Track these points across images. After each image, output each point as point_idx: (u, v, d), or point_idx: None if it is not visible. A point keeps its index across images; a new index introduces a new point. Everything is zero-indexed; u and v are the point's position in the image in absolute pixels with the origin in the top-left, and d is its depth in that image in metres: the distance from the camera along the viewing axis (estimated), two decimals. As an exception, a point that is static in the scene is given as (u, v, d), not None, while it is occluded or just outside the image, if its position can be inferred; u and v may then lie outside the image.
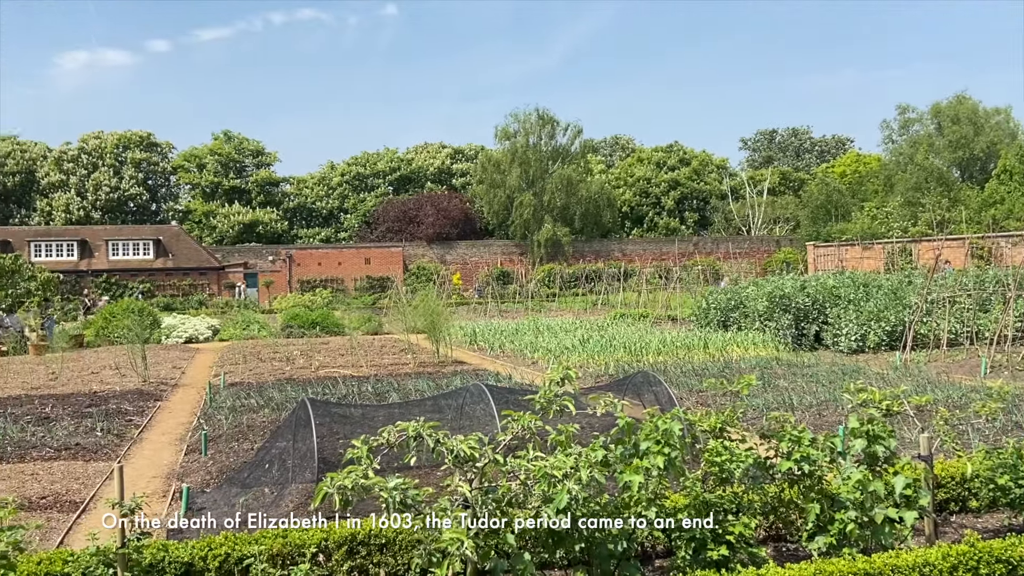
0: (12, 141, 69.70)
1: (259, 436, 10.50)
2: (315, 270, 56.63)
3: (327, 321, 29.36)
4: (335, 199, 73.58)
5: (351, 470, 4.41)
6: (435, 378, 15.63)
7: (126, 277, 52.09)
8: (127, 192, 68.44)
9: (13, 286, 27.86)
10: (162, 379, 17.09)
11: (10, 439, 10.68)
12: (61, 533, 6.85)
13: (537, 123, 62.05)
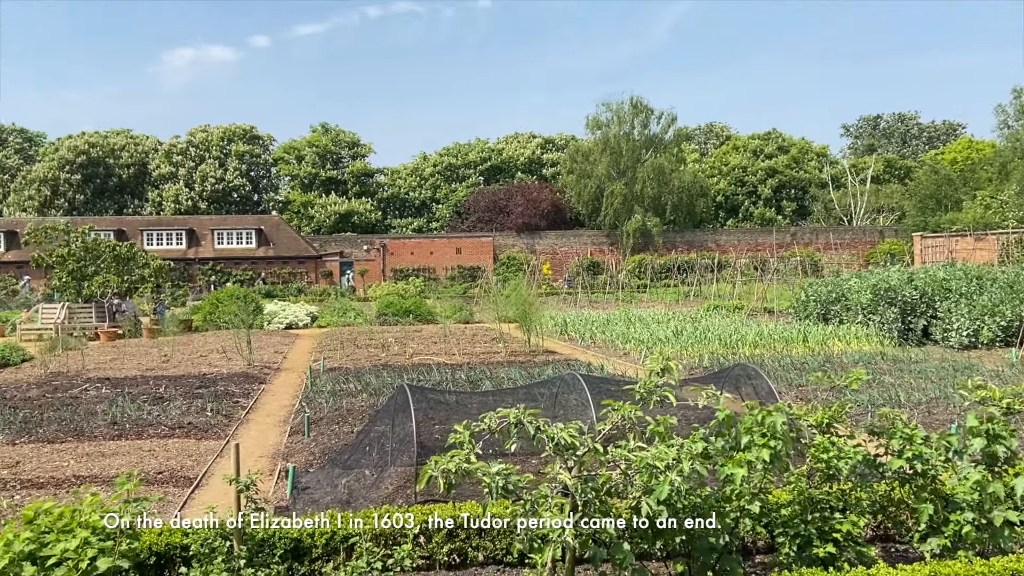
0: (126, 135, 73.83)
1: (358, 420, 10.80)
2: (408, 259, 57.75)
3: (420, 309, 29.91)
4: (427, 189, 74.79)
5: (454, 454, 4.48)
6: (527, 367, 15.71)
7: (230, 265, 54.46)
8: (231, 183, 71.42)
9: (128, 273, 29.51)
10: (265, 363, 17.79)
11: (129, 417, 11.34)
12: (178, 506, 7.23)
13: (630, 112, 61.26)
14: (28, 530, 4.47)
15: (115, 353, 20.18)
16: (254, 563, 4.98)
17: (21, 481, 8.05)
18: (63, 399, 13.01)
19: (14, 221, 56.83)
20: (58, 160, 68.70)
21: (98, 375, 15.90)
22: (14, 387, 14.49)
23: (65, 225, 30.40)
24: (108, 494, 4.92)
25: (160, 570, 5.12)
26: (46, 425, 10.83)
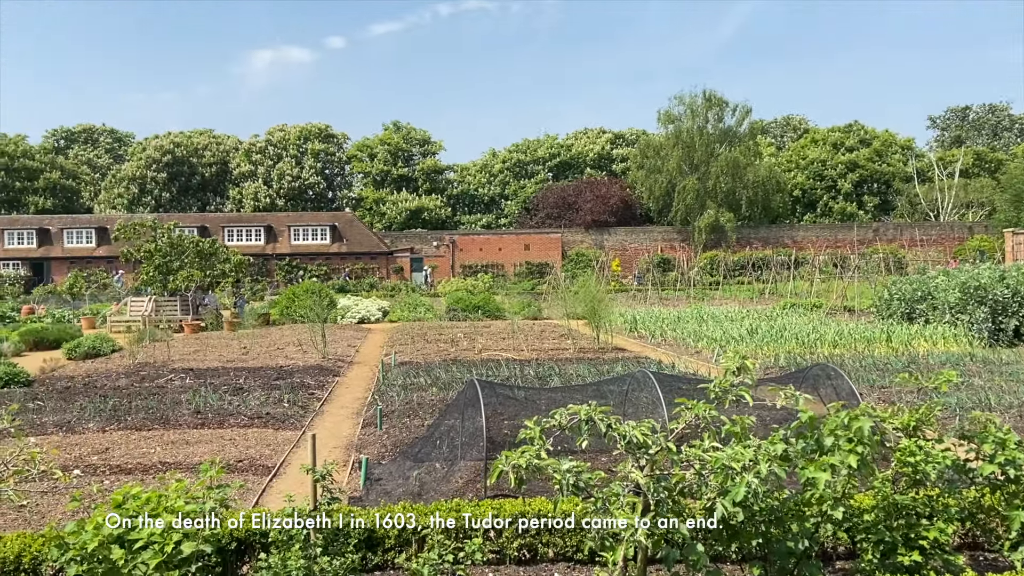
0: (209, 134, 76.48)
1: (428, 413, 10.92)
2: (477, 255, 58.13)
3: (488, 305, 30.07)
4: (496, 186, 75.14)
5: (524, 450, 4.47)
6: (595, 364, 15.61)
7: (305, 260, 55.82)
8: (307, 181, 73.19)
9: (210, 268, 30.57)
10: (339, 356, 18.16)
11: (211, 407, 11.75)
12: (257, 494, 7.44)
13: (703, 105, 60.20)
14: (117, 514, 4.66)
15: (198, 345, 20.93)
16: (329, 551, 5.08)
17: (110, 467, 8.41)
18: (150, 388, 13.57)
19: (104, 218, 59.53)
20: (145, 159, 71.65)
21: (182, 366, 16.52)
22: (104, 376, 15.18)
23: (152, 222, 31.67)
24: (192, 480, 5.09)
25: (241, 555, 5.28)
26: (134, 413, 11.31)
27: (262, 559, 4.90)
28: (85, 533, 4.56)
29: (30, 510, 6.74)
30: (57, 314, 29.73)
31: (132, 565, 4.47)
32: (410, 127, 76.59)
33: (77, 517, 5.75)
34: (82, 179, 76.71)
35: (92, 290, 44.92)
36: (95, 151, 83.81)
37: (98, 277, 50.07)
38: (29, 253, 54.98)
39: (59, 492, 7.32)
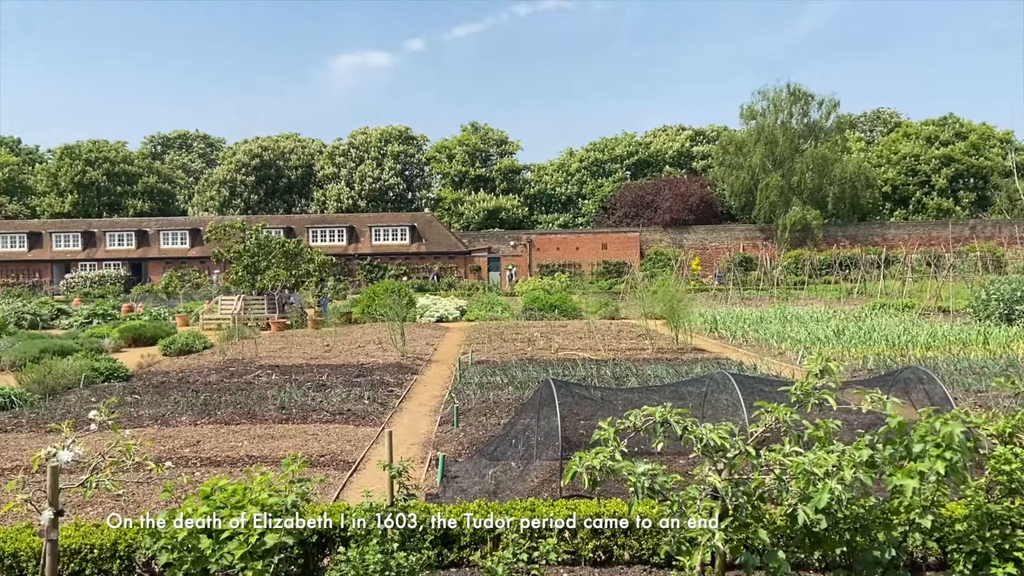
0: (295, 138, 78.89)
1: (504, 412, 10.97)
2: (553, 255, 58.09)
3: (565, 305, 30.01)
4: (573, 185, 74.94)
5: (599, 451, 4.44)
6: (674, 364, 15.38)
7: (386, 260, 56.96)
8: (387, 182, 74.65)
9: (296, 267, 31.53)
10: (417, 354, 18.45)
11: (295, 402, 12.11)
12: (337, 488, 7.63)
13: (787, 99, 58.59)
14: (205, 505, 4.86)
15: (283, 342, 21.61)
16: (406, 547, 5.16)
17: (201, 459, 8.77)
18: (238, 384, 14.09)
19: (197, 220, 62.12)
20: (235, 163, 74.45)
21: (268, 362, 17.08)
22: (196, 372, 15.84)
23: (241, 223, 32.88)
24: (276, 474, 5.26)
25: (321, 548, 5.41)
26: (223, 408, 11.76)
27: (341, 552, 5.01)
28: (176, 522, 4.77)
29: (126, 499, 7.09)
30: (154, 312, 31.20)
31: (219, 555, 4.64)
32: (487, 127, 77.17)
33: (169, 507, 6.01)
34: (177, 183, 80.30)
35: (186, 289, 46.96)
36: (189, 156, 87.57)
37: (191, 276, 52.29)
38: (128, 254, 57.86)
39: (153, 483, 7.67)
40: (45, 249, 58.34)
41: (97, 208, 72.95)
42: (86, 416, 4.82)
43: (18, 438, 10.04)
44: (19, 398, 12.39)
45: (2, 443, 9.72)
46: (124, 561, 5.24)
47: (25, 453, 9.05)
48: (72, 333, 24.20)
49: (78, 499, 6.91)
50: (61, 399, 12.76)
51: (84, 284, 52.57)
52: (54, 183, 74.14)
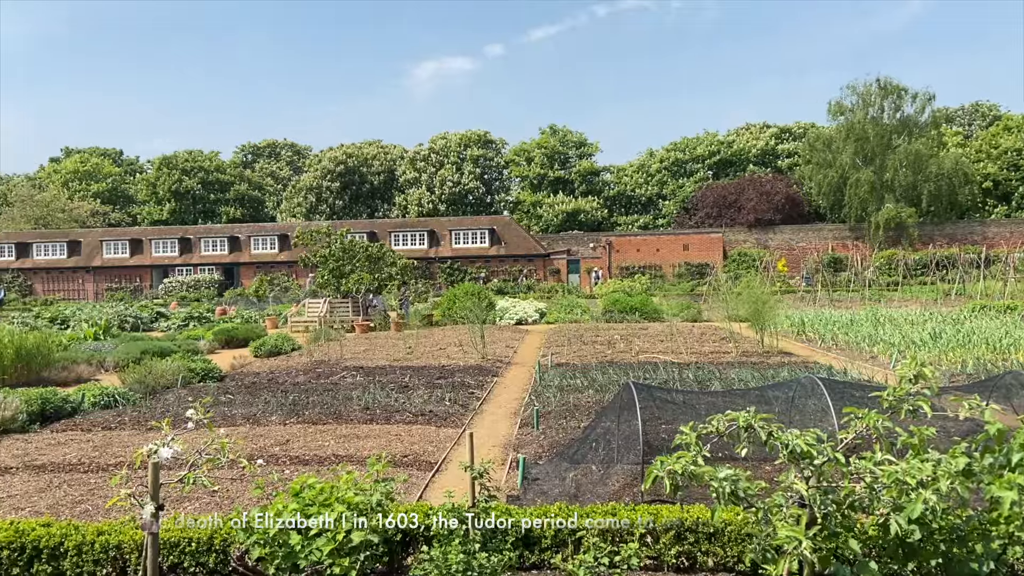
0: (377, 145, 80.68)
1: (584, 415, 10.94)
2: (634, 256, 57.51)
3: (646, 307, 29.68)
4: (653, 186, 74.04)
5: (680, 455, 4.38)
6: (759, 368, 15.02)
7: (466, 263, 57.53)
8: (467, 186, 75.43)
9: (379, 271, 32.21)
10: (497, 357, 18.57)
11: (379, 403, 12.37)
12: (420, 488, 7.76)
13: (878, 93, 56.37)
14: (294, 502, 5.03)
15: (367, 344, 22.11)
16: (488, 548, 5.21)
17: (290, 457, 9.06)
18: (325, 385, 14.49)
19: (285, 225, 64.20)
20: (321, 170, 76.63)
21: (353, 364, 17.51)
22: (285, 373, 16.37)
23: (327, 228, 33.81)
24: (361, 473, 5.40)
25: (406, 547, 5.52)
26: (311, 408, 12.12)
27: (424, 551, 5.11)
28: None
29: (221, 495, 7.39)
30: (245, 315, 32.43)
31: (308, 550, 4.80)
32: (566, 130, 77.06)
33: (261, 504, 6.22)
34: (266, 190, 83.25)
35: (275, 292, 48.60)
36: (278, 164, 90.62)
37: (280, 280, 54.06)
38: (222, 259, 60.27)
39: (245, 479, 7.97)
40: (145, 255, 61.36)
41: (193, 215, 76.33)
42: (183, 415, 5.06)
43: (121, 435, 10.60)
44: (122, 397, 13.08)
45: (107, 440, 10.28)
46: (219, 555, 5.47)
47: (128, 449, 9.54)
48: (170, 335, 25.40)
49: (177, 494, 7.24)
50: (160, 398, 13.40)
51: (181, 288, 55.06)
52: (153, 192, 77.97)
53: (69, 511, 7.12)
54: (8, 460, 9.19)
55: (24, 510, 7.18)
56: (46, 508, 7.23)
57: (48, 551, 5.52)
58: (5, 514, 6.91)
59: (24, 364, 15.61)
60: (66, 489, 7.90)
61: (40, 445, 10.00)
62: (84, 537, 5.52)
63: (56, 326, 27.40)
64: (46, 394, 12.04)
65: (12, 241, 62.28)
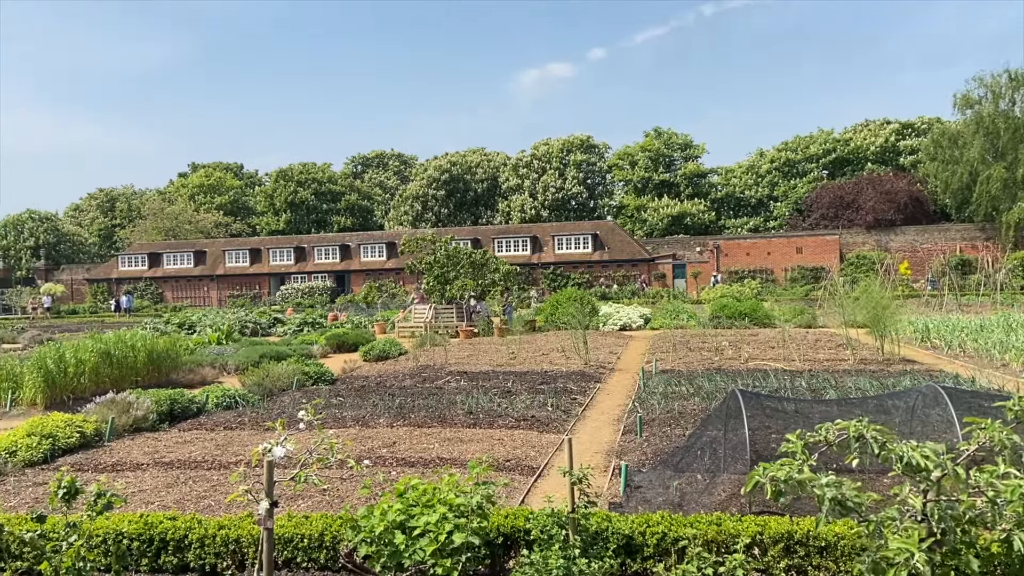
0: (481, 152, 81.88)
1: (689, 423, 10.72)
2: (743, 260, 55.94)
3: (756, 312, 28.81)
4: (764, 187, 71.84)
5: (784, 463, 4.23)
6: (879, 377, 14.31)
7: (568, 269, 57.49)
8: (569, 191, 75.41)
9: (482, 277, 32.65)
10: (600, 363, 18.45)
11: (482, 408, 12.53)
12: (522, 493, 7.80)
13: (1008, 85, 52.71)
14: (399, 503, 5.16)
15: (471, 349, 22.43)
16: (588, 554, 5.19)
17: (396, 459, 9.30)
18: (430, 389, 14.80)
19: (393, 233, 66.01)
20: (427, 179, 78.45)
21: (457, 369, 17.80)
22: (392, 377, 16.82)
23: (432, 236, 34.57)
24: (463, 475, 5.48)
25: (507, 550, 5.57)
26: (416, 411, 12.40)
27: (524, 555, 5.13)
28: (373, 518, 5.10)
29: (330, 494, 7.67)
30: (355, 320, 33.54)
31: (412, 550, 4.91)
32: (671, 132, 75.86)
33: (368, 503, 6.41)
34: (375, 199, 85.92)
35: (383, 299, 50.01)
36: (385, 174, 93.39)
37: (388, 287, 55.60)
38: (333, 266, 62.56)
39: (354, 479, 8.24)
40: (263, 263, 64.43)
41: (306, 225, 79.63)
42: (296, 416, 5.29)
43: (241, 434, 11.16)
44: (242, 398, 13.78)
45: (228, 439, 10.85)
46: (329, 551, 5.68)
47: (247, 448, 10.04)
48: (286, 340, 26.58)
49: (290, 492, 7.56)
50: (277, 400, 14.03)
51: (296, 295, 57.51)
52: (270, 203, 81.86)
53: (193, 506, 7.56)
54: (140, 457, 9.85)
55: (153, 504, 7.67)
56: (172, 503, 7.69)
57: (174, 543, 5.88)
58: (136, 507, 7.40)
59: (154, 367, 16.69)
60: (191, 485, 8.38)
61: (168, 443, 10.66)
62: (206, 531, 5.85)
63: (184, 331, 29.16)
64: (174, 395, 12.82)
65: (145, 251, 66.73)
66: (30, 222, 76.87)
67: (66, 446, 10.10)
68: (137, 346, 16.34)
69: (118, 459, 9.75)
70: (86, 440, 10.54)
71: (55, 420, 10.46)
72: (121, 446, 10.55)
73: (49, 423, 10.29)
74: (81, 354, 14.84)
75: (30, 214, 77.82)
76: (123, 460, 9.67)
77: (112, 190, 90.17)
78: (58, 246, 76.89)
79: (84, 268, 70.11)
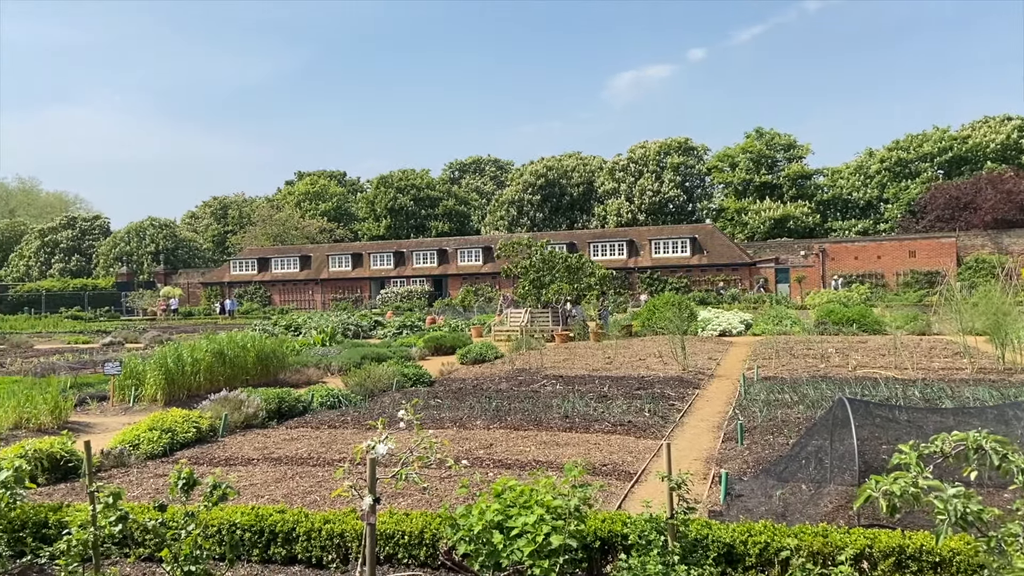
0: (576, 157, 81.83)
1: (793, 431, 10.38)
2: (851, 264, 53.71)
3: (865, 318, 27.62)
4: (873, 188, 68.82)
5: (898, 475, 4.05)
6: (999, 387, 13.48)
7: (666, 273, 56.64)
8: (666, 195, 74.34)
9: (577, 281, 32.59)
10: (699, 369, 18.10)
11: (577, 412, 12.50)
12: (619, 498, 7.74)
13: None
14: (496, 503, 5.21)
15: (566, 354, 22.41)
16: (687, 561, 5.10)
17: (493, 460, 9.40)
18: (526, 392, 14.88)
19: (489, 238, 66.74)
20: (522, 184, 79.00)
21: (553, 373, 17.82)
22: (488, 380, 17.00)
23: (527, 240, 34.76)
24: (559, 478, 5.49)
25: (604, 554, 5.54)
26: (512, 414, 12.49)
27: (622, 560, 5.09)
28: (472, 517, 5.18)
29: (429, 492, 7.82)
30: (452, 324, 34.09)
31: (510, 550, 4.96)
32: (774, 132, 73.69)
33: (466, 502, 6.50)
34: (471, 204, 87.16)
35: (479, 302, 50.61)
36: (482, 179, 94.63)
37: (484, 291, 56.23)
38: (431, 271, 63.79)
39: (451, 479, 8.38)
40: (364, 268, 66.33)
41: (405, 230, 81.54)
42: (396, 416, 5.43)
43: (344, 433, 11.52)
44: (345, 398, 14.23)
45: (332, 437, 11.22)
46: (429, 548, 5.80)
47: (349, 446, 10.36)
48: (386, 342, 27.29)
49: (391, 490, 7.76)
50: (378, 400, 14.42)
51: (395, 299, 58.93)
52: (371, 209, 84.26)
53: (300, 500, 7.85)
54: (251, 452, 10.31)
55: (263, 497, 8.02)
56: (281, 496, 8.02)
57: (282, 535, 6.13)
58: (247, 500, 7.76)
59: (263, 367, 17.44)
60: (298, 480, 8.72)
61: (276, 439, 11.12)
62: (312, 524, 6.07)
63: (290, 333, 30.36)
64: (282, 394, 13.37)
65: (255, 256, 69.88)
66: (151, 229, 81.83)
67: (183, 440, 10.68)
68: (247, 347, 17.11)
69: (230, 454, 10.24)
70: (201, 435, 11.12)
71: (174, 416, 11.08)
72: (233, 441, 11.08)
73: (168, 418, 10.91)
74: (197, 354, 15.67)
75: (151, 221, 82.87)
76: (235, 455, 10.15)
77: (225, 198, 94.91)
78: (176, 251, 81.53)
79: (199, 272, 73.99)
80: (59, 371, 19.65)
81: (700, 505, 7.23)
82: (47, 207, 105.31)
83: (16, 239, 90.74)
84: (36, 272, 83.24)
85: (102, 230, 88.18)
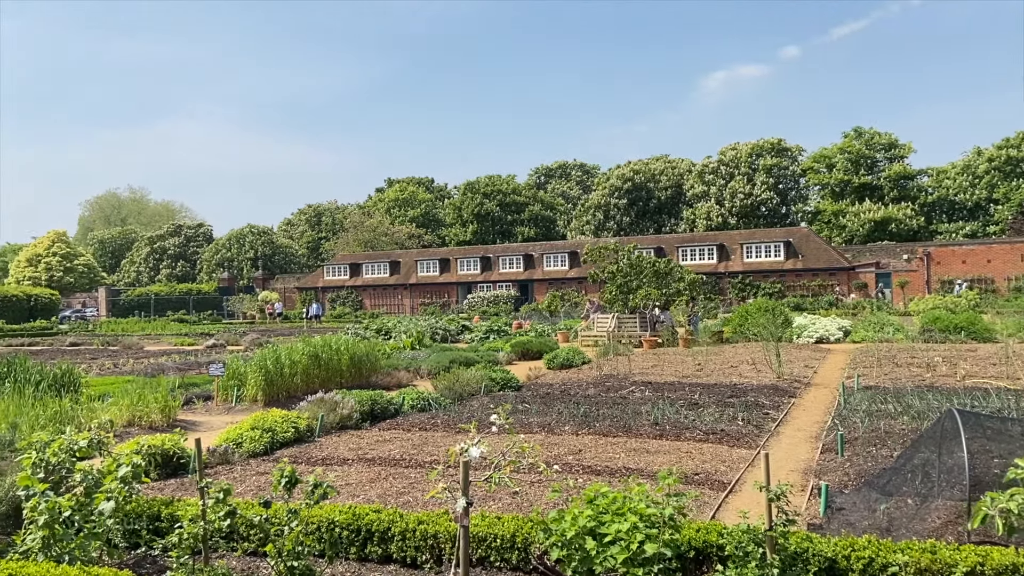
0: (664, 160, 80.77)
1: (897, 443, 9.94)
2: (958, 269, 51.08)
3: (974, 325, 26.21)
4: (982, 189, 65.28)
5: (1015, 492, 3.83)
6: None
7: (758, 278, 55.20)
8: (759, 197, 72.47)
9: (666, 286, 32.10)
10: (795, 377, 17.54)
11: (668, 419, 12.31)
12: (712, 508, 7.59)
13: None
14: (589, 509, 5.20)
15: (655, 360, 22.11)
16: (787, 575, 4.96)
17: (583, 466, 9.36)
18: (614, 398, 14.76)
19: (575, 243, 66.60)
20: (609, 188, 78.54)
21: (641, 379, 17.62)
22: (576, 385, 16.95)
23: (614, 245, 34.52)
24: (651, 486, 5.43)
25: (699, 564, 5.44)
26: (601, 420, 12.41)
27: (718, 571, 4.99)
28: (564, 522, 5.18)
29: (520, 496, 7.85)
30: (538, 328, 34.15)
31: (603, 557, 4.94)
32: (873, 131, 70.87)
33: (557, 508, 6.51)
34: (557, 209, 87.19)
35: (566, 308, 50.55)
36: (568, 184, 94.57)
37: (570, 296, 56.12)
38: (517, 276, 64.14)
39: (542, 484, 8.39)
40: (452, 273, 67.27)
41: (492, 235, 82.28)
42: (486, 420, 5.49)
43: (434, 436, 11.71)
44: (434, 401, 14.45)
45: (423, 439, 11.42)
46: (521, 552, 5.82)
47: (440, 449, 10.51)
48: (473, 346, 27.58)
49: (482, 493, 7.83)
50: (466, 404, 14.58)
51: (481, 303, 59.52)
52: (458, 215, 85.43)
53: (394, 500, 8.02)
54: (345, 453, 10.60)
55: (358, 497, 8.22)
56: (375, 496, 8.21)
57: (379, 534, 6.27)
58: (344, 500, 7.97)
59: (356, 369, 17.90)
60: (391, 481, 8.91)
61: (370, 441, 11.39)
62: (407, 525, 6.20)
63: (381, 336, 31.07)
64: (374, 396, 13.70)
65: (347, 262, 71.89)
66: (250, 235, 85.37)
67: (282, 440, 11.08)
68: (341, 350, 17.60)
69: (327, 454, 10.55)
70: (299, 435, 11.51)
71: (274, 416, 11.51)
72: (329, 442, 11.41)
73: (268, 418, 11.34)
74: (294, 356, 16.23)
75: (250, 228, 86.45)
76: (331, 455, 10.46)
77: (319, 205, 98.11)
78: (273, 257, 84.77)
79: (295, 277, 76.66)
80: (167, 371, 20.72)
81: (799, 518, 7.01)
82: (156, 215, 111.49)
83: (128, 246, 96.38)
84: (145, 277, 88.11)
85: (205, 237, 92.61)
